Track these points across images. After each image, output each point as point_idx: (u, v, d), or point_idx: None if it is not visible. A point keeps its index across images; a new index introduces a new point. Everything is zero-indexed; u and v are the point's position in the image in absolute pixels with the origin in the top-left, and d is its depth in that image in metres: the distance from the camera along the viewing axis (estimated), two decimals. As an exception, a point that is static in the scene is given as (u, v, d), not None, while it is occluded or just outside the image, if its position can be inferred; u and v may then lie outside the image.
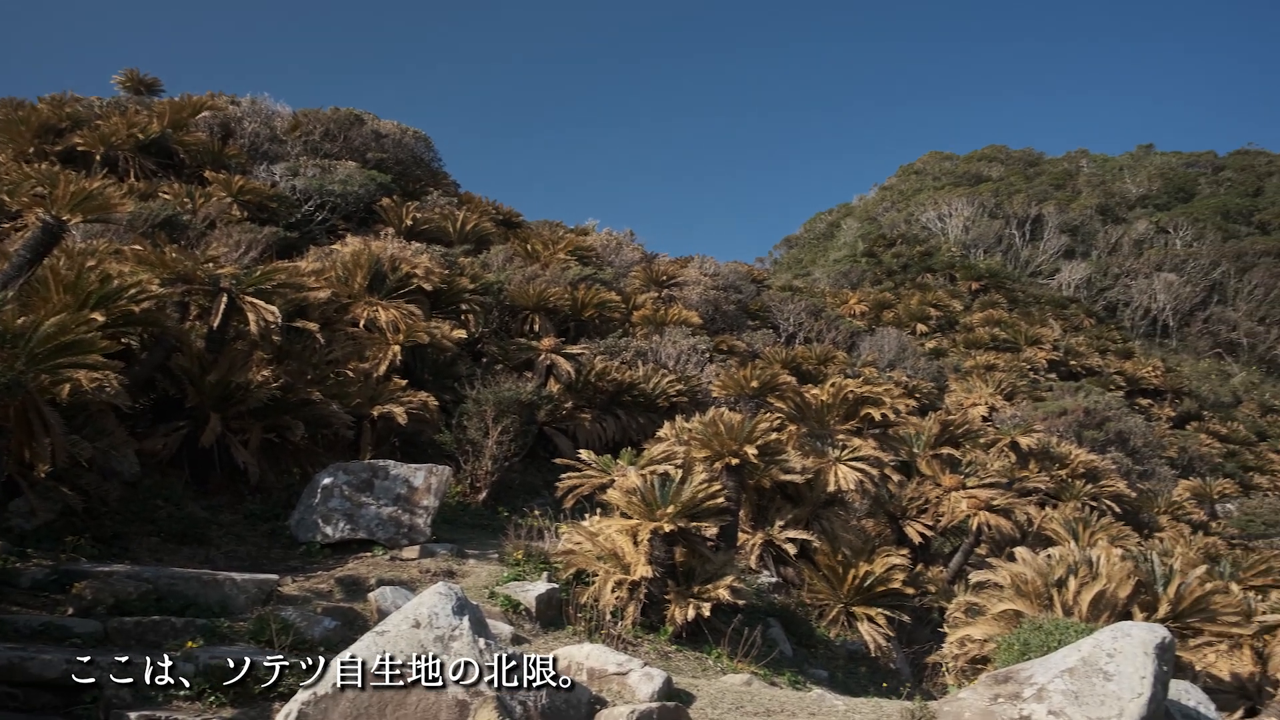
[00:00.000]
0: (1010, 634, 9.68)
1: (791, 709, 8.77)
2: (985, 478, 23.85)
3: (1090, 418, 41.32)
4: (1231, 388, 68.04)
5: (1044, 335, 55.64)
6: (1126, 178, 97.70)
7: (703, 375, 25.61)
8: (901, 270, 71.67)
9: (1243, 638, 11.09)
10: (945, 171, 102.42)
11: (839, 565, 16.93)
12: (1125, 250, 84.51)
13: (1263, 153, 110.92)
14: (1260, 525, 40.25)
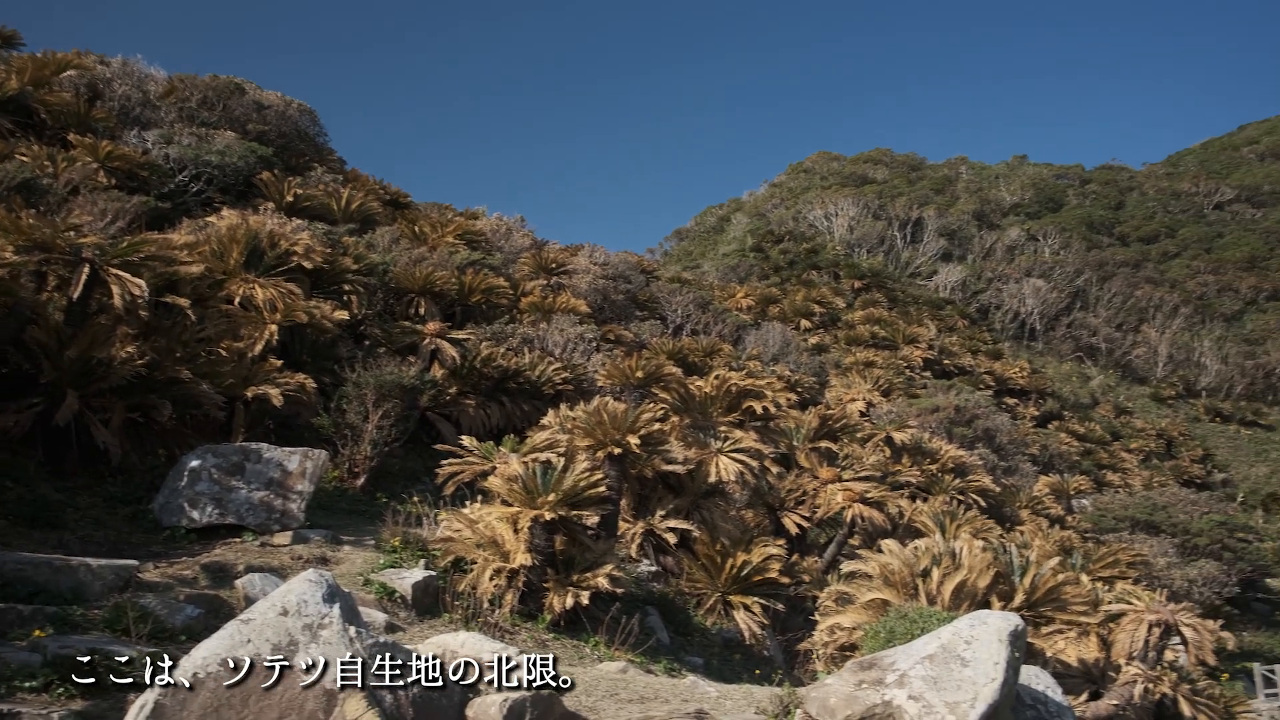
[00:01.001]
0: (877, 622, 10.02)
1: (665, 696, 8.88)
2: (861, 471, 24.58)
3: (960, 415, 43.03)
4: (1090, 390, 71.89)
5: (921, 334, 57.66)
6: (1002, 186, 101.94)
7: (589, 364, 25.62)
8: (788, 266, 73.15)
9: (1090, 626, 11.77)
10: (833, 171, 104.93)
11: (718, 555, 17.19)
12: (998, 255, 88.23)
13: (1125, 169, 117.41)
14: (1111, 520, 42.65)
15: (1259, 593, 46.29)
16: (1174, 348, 79.32)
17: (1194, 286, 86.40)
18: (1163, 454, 62.30)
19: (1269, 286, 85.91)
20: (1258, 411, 74.61)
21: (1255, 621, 43.65)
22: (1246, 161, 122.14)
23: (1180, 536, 42.54)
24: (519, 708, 7.03)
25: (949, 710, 6.46)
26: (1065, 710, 7.60)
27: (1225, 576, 41.37)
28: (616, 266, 42.17)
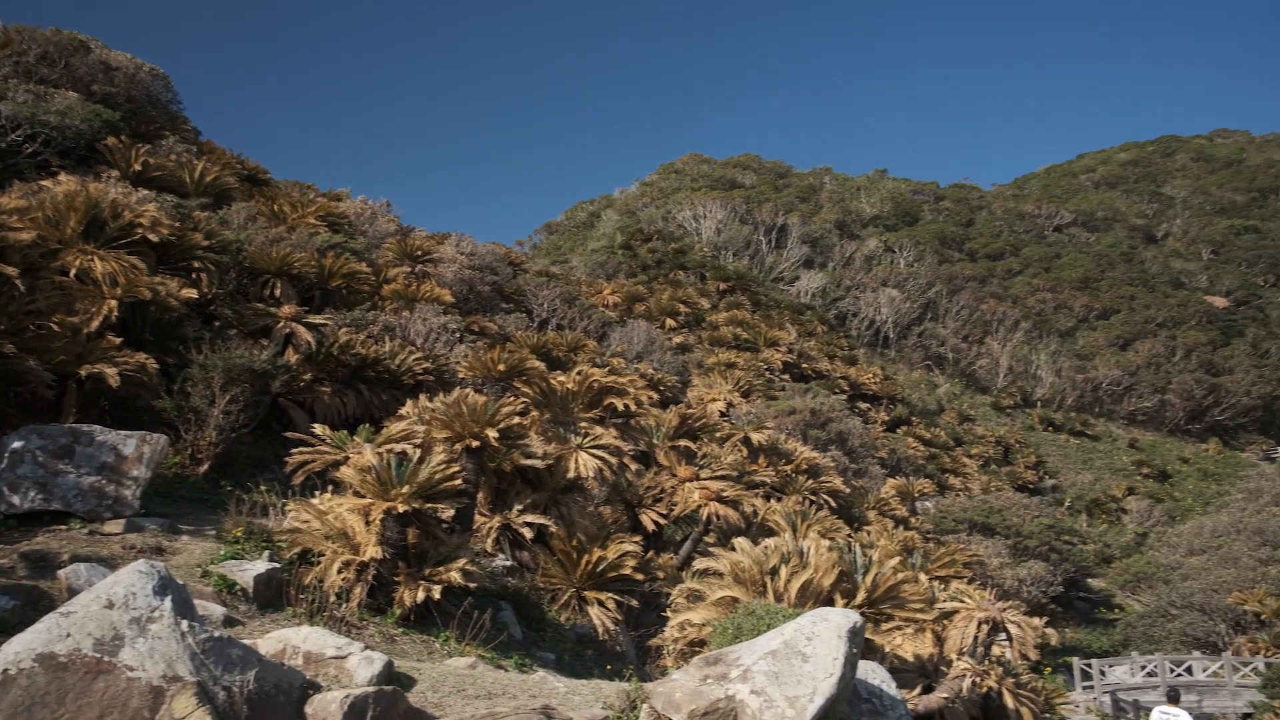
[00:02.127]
0: (726, 619, 10.22)
1: (513, 691, 8.83)
2: (718, 470, 25.03)
3: (816, 418, 44.39)
4: (937, 397, 75.31)
5: (781, 338, 59.18)
6: (863, 198, 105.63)
7: (452, 355, 25.23)
8: (656, 265, 73.86)
9: (926, 623, 12.34)
10: (703, 174, 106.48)
11: (574, 550, 17.20)
12: (857, 264, 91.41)
13: (975, 188, 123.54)
14: (951, 522, 44.83)
15: (1081, 592, 49.51)
16: (1014, 360, 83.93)
17: (1034, 303, 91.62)
18: (1000, 460, 65.83)
19: (1099, 306, 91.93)
20: (1085, 422, 79.74)
21: (1076, 619, 46.66)
22: (1084, 188, 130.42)
23: (1013, 538, 45.10)
24: (360, 704, 6.86)
25: (788, 704, 6.65)
26: (898, 703, 7.93)
27: (1051, 576, 44.10)
28: (484, 257, 41.67)
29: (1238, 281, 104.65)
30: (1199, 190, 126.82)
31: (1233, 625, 36.65)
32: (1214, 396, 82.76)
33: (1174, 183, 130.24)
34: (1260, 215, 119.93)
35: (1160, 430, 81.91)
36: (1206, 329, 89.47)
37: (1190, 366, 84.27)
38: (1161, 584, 44.48)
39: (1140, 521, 61.23)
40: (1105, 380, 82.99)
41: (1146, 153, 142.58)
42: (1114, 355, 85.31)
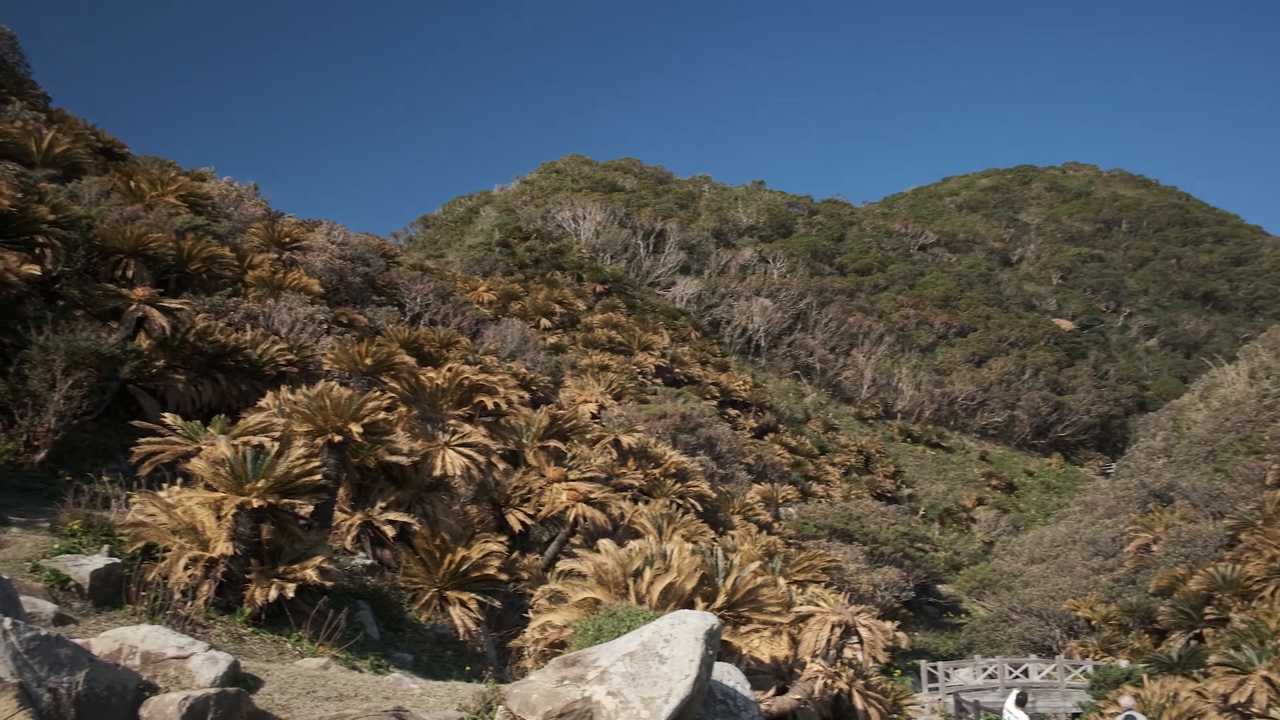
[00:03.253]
0: (587, 620, 10.22)
1: (366, 693, 8.60)
2: (587, 472, 25.07)
3: (686, 422, 44.94)
4: (804, 406, 77.35)
5: (655, 342, 59.69)
6: (740, 208, 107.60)
7: (318, 347, 24.46)
8: (533, 264, 73.47)
9: (782, 626, 12.63)
10: (584, 175, 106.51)
11: (437, 549, 16.92)
12: (732, 273, 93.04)
13: (847, 204, 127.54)
14: (813, 528, 46.08)
15: (931, 597, 51.65)
16: (877, 372, 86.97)
17: (898, 318, 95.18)
18: (861, 468, 68.08)
19: (958, 324, 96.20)
20: (941, 435, 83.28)
21: (926, 623, 48.65)
22: (948, 210, 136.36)
23: (870, 545, 46.68)
24: (200, 706, 6.55)
25: (644, 705, 6.69)
26: (751, 704, 8.07)
27: (904, 582, 45.86)
28: (356, 248, 40.60)
29: (1083, 306, 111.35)
30: (1051, 218, 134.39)
31: (1066, 630, 38.89)
32: (1058, 414, 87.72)
33: (1029, 210, 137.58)
34: (1104, 245, 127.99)
35: (1009, 444, 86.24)
36: (1053, 350, 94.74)
37: (1038, 385, 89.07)
38: (1004, 590, 46.83)
39: (988, 530, 64.31)
40: (961, 395, 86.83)
41: (1006, 180, 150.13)
42: (970, 371, 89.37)
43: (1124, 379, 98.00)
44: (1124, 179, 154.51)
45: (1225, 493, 38.72)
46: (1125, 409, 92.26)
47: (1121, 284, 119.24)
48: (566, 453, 27.88)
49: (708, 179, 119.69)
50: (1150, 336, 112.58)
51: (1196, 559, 33.15)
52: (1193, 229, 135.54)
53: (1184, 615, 29.11)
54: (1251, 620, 24.91)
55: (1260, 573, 28.11)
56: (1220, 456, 43.99)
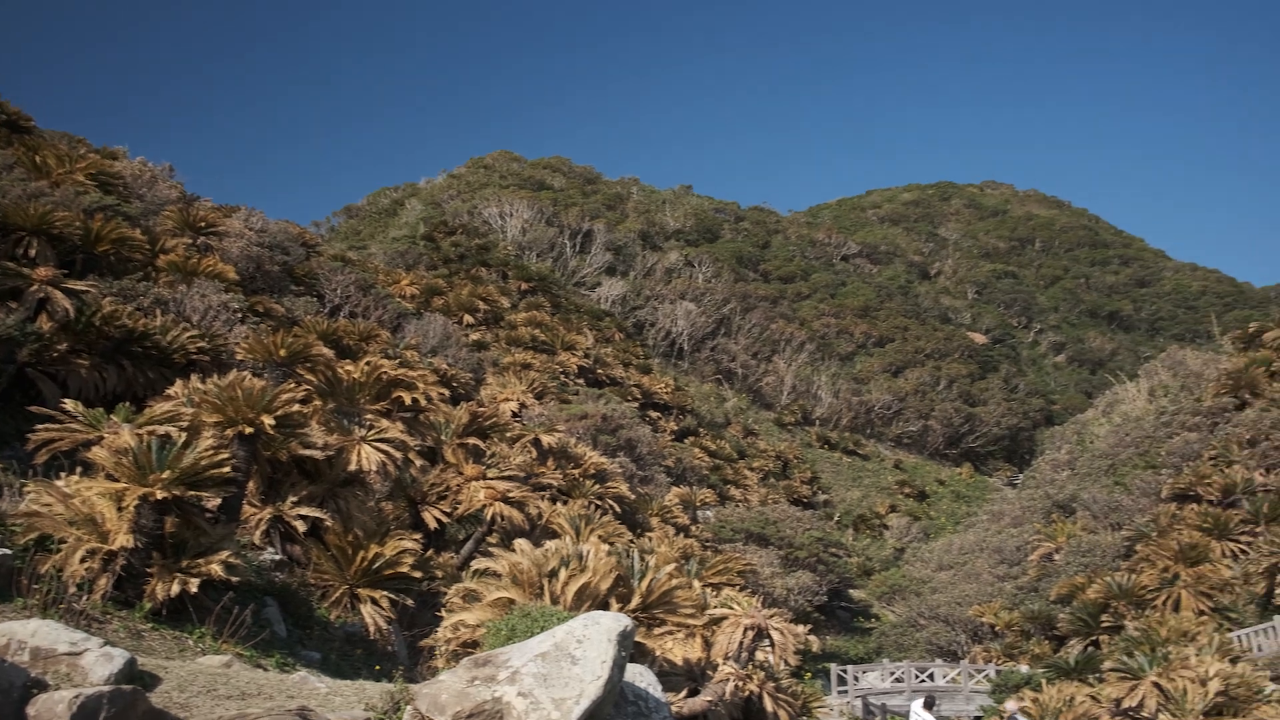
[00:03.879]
0: (500, 620, 10.14)
1: (269, 692, 8.38)
2: (505, 470, 24.87)
3: (607, 424, 44.94)
4: (725, 410, 78.00)
5: (579, 342, 59.55)
6: (667, 211, 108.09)
7: (231, 335, 23.80)
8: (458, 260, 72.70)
9: (696, 628, 12.70)
10: (513, 172, 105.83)
11: (349, 546, 16.59)
12: (658, 276, 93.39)
13: (773, 212, 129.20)
14: (730, 531, 46.48)
15: (843, 601, 52.54)
16: (798, 379, 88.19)
17: (819, 327, 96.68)
18: (779, 474, 68.91)
19: (877, 334, 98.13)
20: (858, 442, 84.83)
21: (838, 627, 49.47)
22: (870, 222, 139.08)
23: (785, 549, 47.28)
24: (93, 704, 6.30)
25: (554, 706, 6.65)
26: (662, 706, 8.09)
27: (817, 586, 46.55)
28: (275, 235, 39.63)
29: (996, 321, 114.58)
30: (969, 234, 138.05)
31: (971, 635, 39.94)
32: (970, 425, 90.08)
33: (948, 225, 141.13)
34: (1018, 263, 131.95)
35: (922, 453, 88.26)
36: (967, 363, 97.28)
37: (951, 396, 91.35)
38: (913, 596, 47.88)
39: (899, 537, 65.68)
40: (878, 404, 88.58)
41: (927, 195, 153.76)
42: (887, 381, 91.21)
43: (1033, 393, 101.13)
44: (1038, 199, 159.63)
45: (1123, 505, 40.19)
46: (1033, 422, 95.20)
47: (1033, 301, 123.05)
48: (486, 451, 27.61)
49: (636, 181, 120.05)
50: (1058, 352, 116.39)
51: (1095, 568, 34.33)
52: (1101, 250, 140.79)
53: (1082, 622, 30.11)
54: (1144, 628, 25.91)
55: (1153, 582, 29.23)
56: (1120, 470, 45.65)
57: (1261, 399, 37.48)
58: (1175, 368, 53.65)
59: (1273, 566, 26.98)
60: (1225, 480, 33.65)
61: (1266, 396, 37.04)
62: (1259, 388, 38.51)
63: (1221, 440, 37.07)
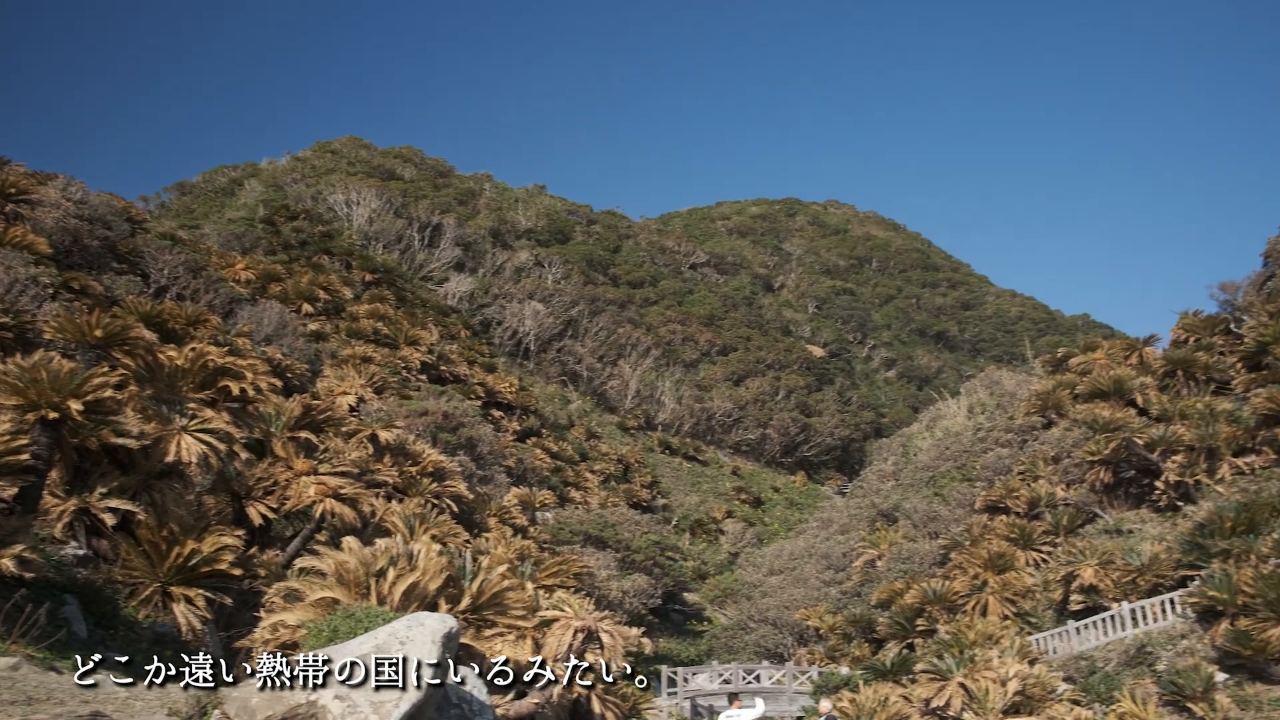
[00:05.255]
0: (323, 620, 9.77)
1: (61, 696, 7.81)
2: (339, 466, 24.09)
3: (448, 421, 44.20)
4: (568, 412, 78.02)
5: (422, 338, 58.30)
6: (520, 210, 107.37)
7: (39, 312, 22.14)
8: (299, 246, 69.93)
9: (527, 630, 12.61)
10: (361, 159, 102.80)
11: (163, 541, 15.68)
12: (507, 274, 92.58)
13: (625, 217, 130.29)
14: (568, 533, 46.48)
15: (677, 604, 53.37)
16: (642, 384, 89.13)
17: (665, 333, 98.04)
18: (620, 477, 69.42)
19: (721, 343, 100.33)
20: (698, 448, 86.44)
21: (671, 629, 50.21)
22: (719, 233, 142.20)
23: (622, 552, 47.65)
24: None
25: (373, 710, 6.45)
26: (488, 709, 7.98)
27: (653, 589, 47.14)
28: (97, 208, 37.13)
29: (833, 335, 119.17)
30: (811, 250, 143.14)
31: (797, 638, 41.29)
32: (805, 434, 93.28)
33: (793, 240, 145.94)
34: (856, 280, 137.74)
35: (759, 461, 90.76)
36: (805, 374, 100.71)
37: (789, 406, 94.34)
38: (745, 600, 49.12)
39: (734, 542, 67.27)
40: (719, 411, 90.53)
41: (774, 210, 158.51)
42: (728, 389, 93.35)
43: (864, 406, 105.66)
44: (876, 221, 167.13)
45: (941, 515, 42.44)
46: (864, 433, 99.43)
47: (868, 318, 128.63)
48: (319, 445, 26.69)
49: (489, 177, 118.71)
50: (890, 368, 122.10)
51: (913, 575, 36.09)
52: (931, 273, 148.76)
53: (899, 626, 31.59)
54: (954, 631, 27.41)
55: (965, 589, 30.97)
56: (940, 482, 48.20)
57: (1065, 419, 40.30)
58: (992, 387, 57.08)
59: (1069, 575, 29.03)
60: (1031, 494, 36.00)
61: (1069, 417, 39.84)
62: (1063, 408, 41.40)
63: (1029, 456, 39.65)
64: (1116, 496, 34.11)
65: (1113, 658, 25.73)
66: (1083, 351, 47.37)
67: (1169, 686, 22.56)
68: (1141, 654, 25.06)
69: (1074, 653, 26.98)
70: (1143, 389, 38.54)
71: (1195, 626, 24.75)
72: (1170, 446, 32.08)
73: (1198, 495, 30.88)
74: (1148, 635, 25.53)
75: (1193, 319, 42.20)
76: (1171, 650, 24.66)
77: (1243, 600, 22.98)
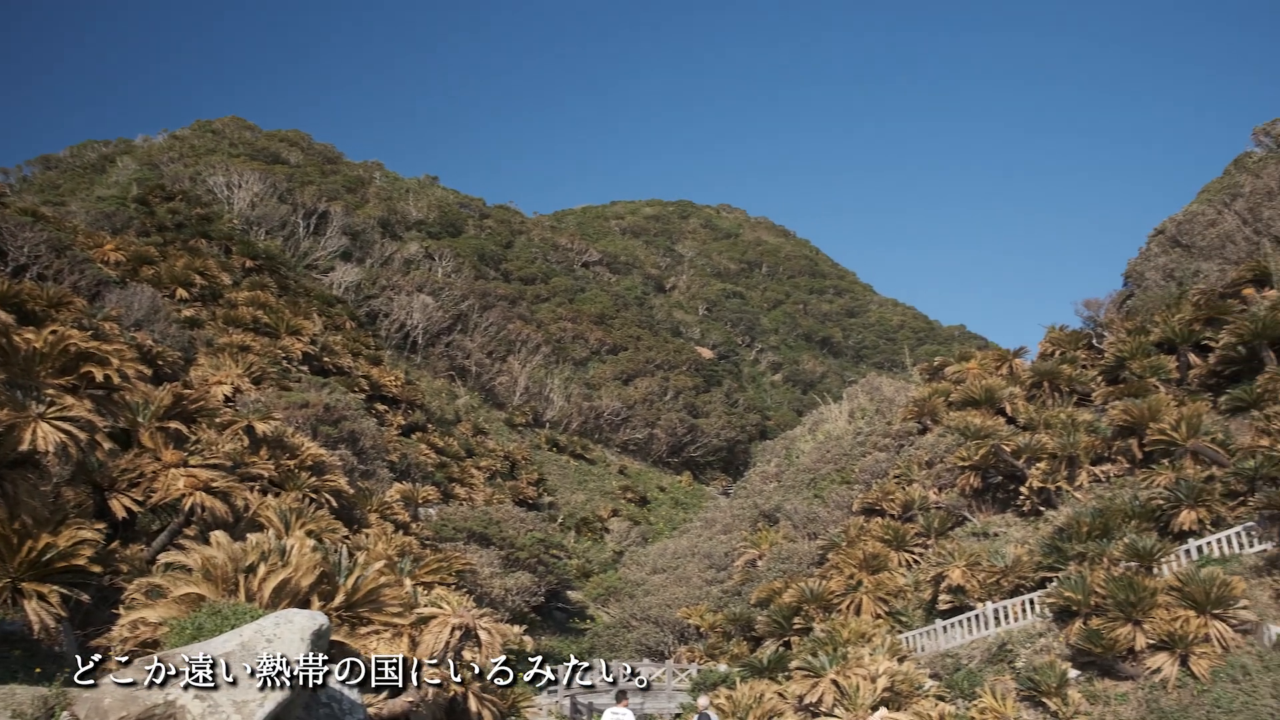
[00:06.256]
0: (187, 618, 9.40)
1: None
2: (211, 458, 23.22)
3: (330, 414, 43.06)
4: (456, 408, 76.98)
5: (305, 328, 56.62)
6: (411, 201, 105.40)
7: (-117, 288, 20.66)
8: (175, 229, 67.05)
9: (404, 627, 12.38)
10: (245, 141, 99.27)
11: (15, 534, 14.85)
12: (396, 266, 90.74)
13: (518, 213, 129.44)
14: (451, 530, 45.87)
15: (560, 602, 53.24)
16: (531, 381, 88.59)
17: (555, 330, 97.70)
18: (507, 474, 68.84)
19: (611, 341, 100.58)
20: (585, 446, 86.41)
21: (554, 627, 50.04)
22: (612, 232, 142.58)
23: (506, 549, 47.29)
24: None
25: (235, 709, 6.23)
26: (358, 707, 7.81)
27: (536, 587, 46.91)
28: (-48, 180, 34.83)
29: (722, 337, 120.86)
30: (703, 253, 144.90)
31: (678, 636, 41.72)
32: (692, 435, 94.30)
33: (685, 242, 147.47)
34: (746, 284, 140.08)
35: (646, 460, 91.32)
36: (694, 375, 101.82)
37: (677, 407, 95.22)
38: (628, 598, 49.36)
39: (619, 541, 67.50)
40: (608, 410, 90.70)
41: (667, 211, 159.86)
42: (617, 388, 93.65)
43: (751, 408, 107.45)
44: (767, 226, 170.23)
45: (821, 516, 43.50)
46: (749, 435, 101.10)
47: (757, 321, 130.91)
48: (191, 436, 25.63)
49: (380, 166, 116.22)
50: (776, 371, 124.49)
51: (792, 574, 36.90)
52: (819, 280, 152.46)
53: (777, 624, 32.25)
54: (829, 630, 28.15)
55: (840, 588, 31.83)
56: (820, 484, 49.39)
57: (940, 425, 41.82)
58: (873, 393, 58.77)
59: (938, 576, 30.14)
60: (905, 497, 37.23)
61: (943, 423, 41.37)
62: (938, 415, 42.97)
63: (905, 461, 41.01)
64: (985, 501, 35.56)
65: (976, 655, 26.84)
66: (958, 361, 49.26)
67: (1026, 682, 23.67)
68: (1003, 651, 26.21)
69: (941, 650, 28.04)
70: (1011, 398, 40.30)
71: (1052, 625, 26.03)
72: (1035, 454, 33.63)
73: (1058, 501, 32.47)
74: (1009, 634, 26.73)
75: (1059, 333, 44.40)
76: (1030, 648, 25.87)
77: (1095, 601, 24.27)
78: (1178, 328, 36.02)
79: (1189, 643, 22.40)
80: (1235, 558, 25.22)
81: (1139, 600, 23.26)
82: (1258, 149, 51.58)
